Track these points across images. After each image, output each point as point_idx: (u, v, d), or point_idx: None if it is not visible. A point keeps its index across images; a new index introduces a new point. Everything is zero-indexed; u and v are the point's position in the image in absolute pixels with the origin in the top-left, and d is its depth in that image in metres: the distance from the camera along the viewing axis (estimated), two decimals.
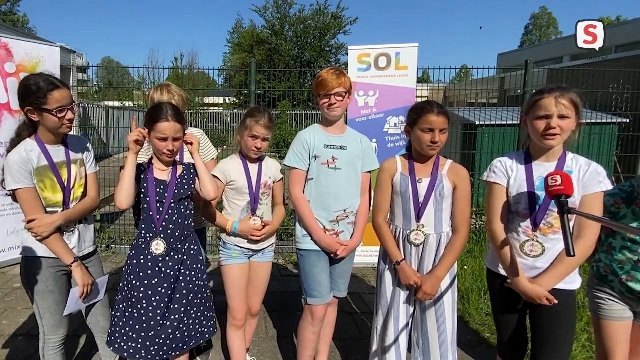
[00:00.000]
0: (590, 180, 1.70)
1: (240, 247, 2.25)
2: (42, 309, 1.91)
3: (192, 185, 2.06)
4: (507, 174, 1.82)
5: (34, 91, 1.74)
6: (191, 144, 2.04)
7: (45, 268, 1.88)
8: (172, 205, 1.97)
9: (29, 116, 1.80)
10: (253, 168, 2.26)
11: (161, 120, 1.88)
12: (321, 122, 2.30)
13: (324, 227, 2.19)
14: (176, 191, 1.99)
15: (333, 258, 2.22)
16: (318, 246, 2.18)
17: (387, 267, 2.08)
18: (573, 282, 1.78)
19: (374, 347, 2.15)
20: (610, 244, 1.87)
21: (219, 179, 2.19)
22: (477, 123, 6.10)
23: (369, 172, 2.29)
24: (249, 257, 2.30)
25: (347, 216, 2.21)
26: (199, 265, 2.08)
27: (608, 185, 1.70)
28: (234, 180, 2.21)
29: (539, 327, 1.82)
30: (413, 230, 1.97)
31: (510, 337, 1.93)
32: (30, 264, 1.88)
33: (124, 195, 1.83)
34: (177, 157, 2.44)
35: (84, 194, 1.99)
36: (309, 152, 2.19)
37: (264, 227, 2.24)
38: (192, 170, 2.09)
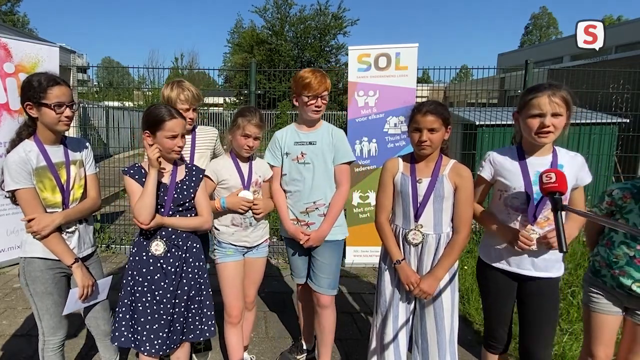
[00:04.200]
0: (580, 172, 1.82)
1: (235, 245, 2.28)
2: (41, 310, 1.90)
3: (194, 190, 2.05)
4: (493, 168, 1.93)
5: (34, 86, 1.76)
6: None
7: (45, 269, 1.87)
8: (172, 207, 1.97)
9: (28, 112, 1.81)
10: (244, 167, 2.29)
11: (168, 118, 1.92)
12: (297, 121, 2.39)
13: (296, 217, 2.33)
14: (175, 195, 1.99)
15: (305, 247, 2.31)
16: (287, 234, 2.37)
17: (387, 266, 2.08)
18: (551, 269, 1.86)
19: (373, 345, 2.16)
20: (610, 238, 1.91)
21: (210, 179, 2.23)
22: (477, 123, 6.10)
23: (346, 163, 2.32)
24: (244, 254, 2.34)
25: (317, 208, 2.30)
26: (200, 264, 2.09)
27: (590, 175, 1.84)
28: (226, 179, 2.25)
29: (525, 313, 1.92)
30: (411, 230, 1.97)
31: (498, 327, 2.00)
32: (29, 265, 1.87)
33: (149, 212, 1.86)
34: (188, 159, 2.45)
35: (84, 195, 1.99)
36: (280, 150, 2.34)
37: (253, 207, 2.26)
38: (194, 173, 2.09)
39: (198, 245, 2.09)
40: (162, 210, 1.95)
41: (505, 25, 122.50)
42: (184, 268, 2.01)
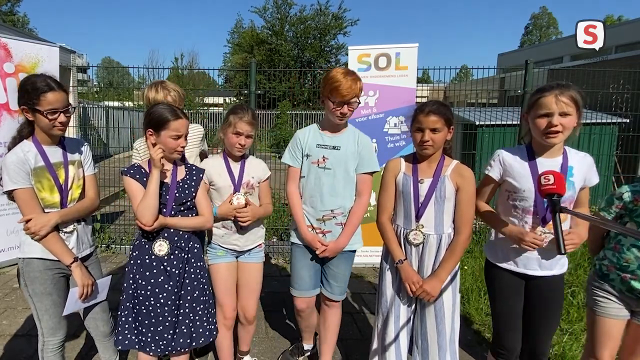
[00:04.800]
0: (590, 172, 1.82)
1: (225, 248, 2.25)
2: (40, 311, 1.89)
3: (195, 189, 2.04)
4: (503, 169, 1.91)
5: (28, 91, 1.74)
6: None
7: (43, 270, 1.86)
8: (174, 207, 1.96)
9: (25, 115, 1.81)
10: (235, 167, 2.24)
11: (175, 119, 1.90)
12: (321, 122, 2.30)
13: (312, 224, 2.23)
14: (177, 194, 1.98)
15: (320, 257, 2.23)
16: (302, 241, 2.25)
17: (389, 266, 2.08)
18: (555, 266, 1.87)
19: (374, 346, 2.16)
20: (619, 241, 1.88)
21: None
22: (477, 123, 6.11)
23: (369, 173, 2.24)
24: (236, 257, 2.30)
25: (334, 216, 2.21)
26: (201, 264, 2.08)
27: (598, 176, 1.85)
28: (214, 180, 2.20)
29: (532, 311, 1.94)
30: (412, 230, 1.97)
31: (508, 332, 1.95)
32: (28, 265, 1.86)
33: (152, 213, 1.84)
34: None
35: (82, 195, 1.98)
36: (301, 151, 2.23)
37: (246, 205, 2.19)
38: (194, 173, 2.08)
39: (198, 246, 2.08)
40: (165, 210, 1.94)
41: (505, 25, 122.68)
42: (187, 269, 2.00)
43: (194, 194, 2.03)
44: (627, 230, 0.99)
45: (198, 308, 2.03)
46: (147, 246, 1.94)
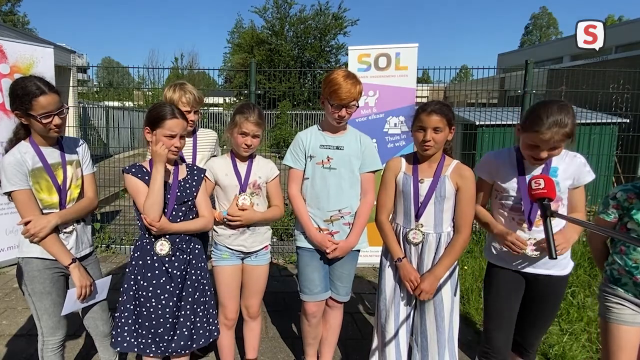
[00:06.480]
0: (580, 171, 1.82)
1: (231, 249, 2.22)
2: (40, 310, 1.89)
3: (196, 189, 2.04)
4: (490, 169, 1.96)
5: (19, 95, 1.72)
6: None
7: (43, 269, 1.86)
8: (176, 207, 1.96)
9: (19, 119, 1.80)
10: (242, 167, 2.22)
11: (169, 117, 1.90)
12: (321, 123, 2.30)
13: (319, 226, 2.21)
14: (178, 194, 1.97)
15: (328, 258, 2.21)
16: (311, 244, 2.22)
17: (388, 264, 2.09)
18: (564, 268, 1.87)
19: (374, 343, 2.17)
20: (624, 243, 1.84)
21: (207, 178, 2.17)
22: (477, 123, 6.10)
23: (372, 172, 2.25)
24: (242, 260, 2.27)
25: (342, 216, 2.20)
26: (202, 265, 2.08)
27: (593, 173, 1.83)
28: (221, 179, 2.19)
29: (528, 313, 1.94)
30: (411, 229, 1.97)
31: (495, 330, 1.93)
32: (27, 265, 1.86)
33: (160, 209, 1.84)
34: (191, 160, 2.44)
35: (81, 195, 1.98)
36: (304, 152, 2.22)
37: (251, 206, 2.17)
38: (195, 173, 2.08)
39: (199, 247, 2.08)
40: (166, 210, 1.93)
41: (505, 25, 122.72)
42: (188, 270, 2.00)
43: (195, 194, 2.03)
44: (618, 234, 0.98)
45: (198, 309, 2.02)
46: (148, 247, 1.94)
